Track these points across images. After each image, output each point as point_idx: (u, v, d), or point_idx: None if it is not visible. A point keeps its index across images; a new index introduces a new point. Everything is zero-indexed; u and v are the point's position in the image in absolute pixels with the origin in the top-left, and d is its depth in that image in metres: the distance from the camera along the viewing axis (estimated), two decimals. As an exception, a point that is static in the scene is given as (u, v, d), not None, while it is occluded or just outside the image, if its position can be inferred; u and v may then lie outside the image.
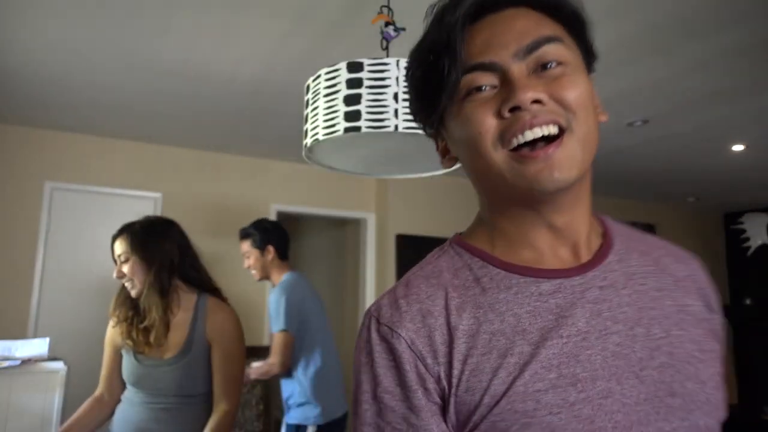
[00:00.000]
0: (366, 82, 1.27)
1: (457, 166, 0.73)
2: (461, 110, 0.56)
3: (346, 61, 1.29)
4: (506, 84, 0.54)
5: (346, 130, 1.26)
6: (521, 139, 0.53)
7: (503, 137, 0.54)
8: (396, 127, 1.24)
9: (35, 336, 3.34)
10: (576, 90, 0.54)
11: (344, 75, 1.29)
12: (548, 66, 0.54)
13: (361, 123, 1.25)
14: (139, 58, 2.46)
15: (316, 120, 1.33)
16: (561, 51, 0.55)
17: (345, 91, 1.28)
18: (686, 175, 4.45)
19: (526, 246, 0.59)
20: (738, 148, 3.67)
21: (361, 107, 1.26)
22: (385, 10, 1.67)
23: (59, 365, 2.46)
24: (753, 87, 2.69)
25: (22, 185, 3.49)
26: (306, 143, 1.39)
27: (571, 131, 0.54)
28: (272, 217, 4.18)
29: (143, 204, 3.79)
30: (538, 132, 0.52)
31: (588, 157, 0.56)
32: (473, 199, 0.67)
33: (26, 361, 2.44)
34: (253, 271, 2.48)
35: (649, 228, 5.58)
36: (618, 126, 3.24)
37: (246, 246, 2.52)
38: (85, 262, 3.60)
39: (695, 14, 2.02)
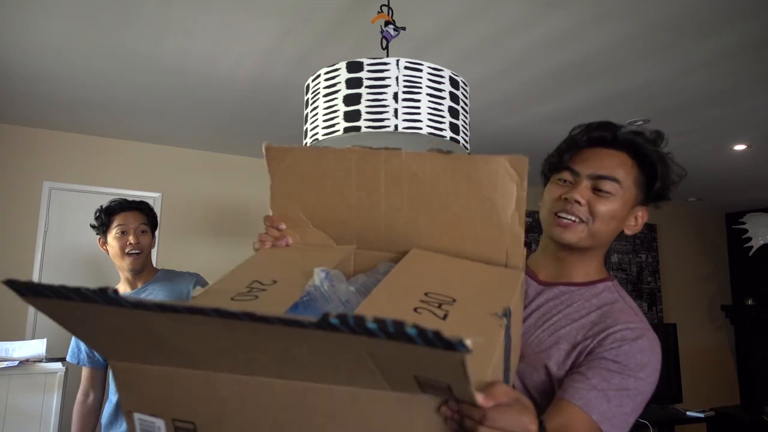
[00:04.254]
0: (366, 82, 1.26)
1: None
2: (555, 180, 1.02)
3: (346, 61, 1.28)
4: (575, 184, 0.98)
5: (346, 130, 1.25)
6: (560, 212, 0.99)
7: (554, 206, 1.00)
8: (396, 127, 1.23)
9: (33, 337, 3.33)
10: (602, 208, 0.96)
11: (344, 75, 1.28)
12: (600, 190, 0.97)
13: (361, 123, 1.24)
14: (138, 58, 2.45)
15: (316, 120, 1.32)
16: (610, 186, 0.96)
17: (345, 91, 1.27)
18: (687, 175, 4.44)
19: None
20: (740, 147, 3.66)
21: (361, 107, 1.25)
22: (385, 9, 1.66)
23: (58, 365, 2.45)
24: (755, 86, 2.68)
25: (20, 185, 3.48)
26: (306, 143, 1.38)
27: (585, 224, 0.98)
28: (272, 217, 4.16)
29: (143, 204, 3.78)
30: (569, 216, 0.98)
31: (589, 239, 0.98)
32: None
33: (24, 362, 2.43)
34: (135, 253, 1.95)
35: (650, 228, 5.57)
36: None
37: (143, 219, 2.02)
38: (83, 262, 3.59)
39: (695, 14, 2.01)
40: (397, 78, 1.26)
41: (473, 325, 0.65)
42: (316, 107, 1.33)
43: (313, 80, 1.36)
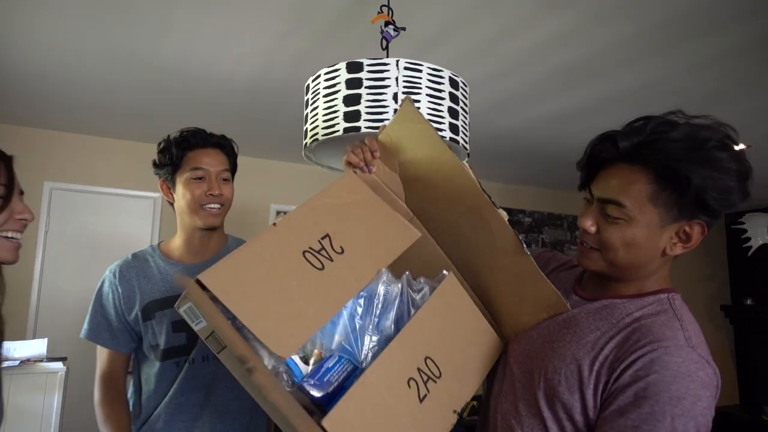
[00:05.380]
0: (366, 83, 1.26)
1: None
2: (584, 199, 0.94)
3: (346, 61, 1.29)
4: (589, 206, 0.91)
5: (346, 130, 1.25)
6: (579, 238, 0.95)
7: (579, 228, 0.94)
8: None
9: (34, 336, 3.34)
10: (612, 236, 0.86)
11: (344, 75, 1.28)
12: (608, 215, 0.86)
13: (361, 123, 1.24)
14: (138, 58, 2.46)
15: (316, 120, 1.33)
16: (616, 211, 0.85)
17: (345, 92, 1.27)
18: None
19: None
20: (739, 147, 3.66)
21: (361, 107, 1.25)
22: (385, 9, 1.66)
23: (58, 365, 2.46)
24: (754, 86, 2.68)
25: (21, 185, 3.48)
26: (306, 143, 1.39)
27: (599, 252, 0.89)
28: (272, 217, 4.16)
29: (143, 204, 3.78)
30: (584, 243, 0.93)
31: (611, 269, 0.89)
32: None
33: (25, 362, 2.44)
34: (217, 206, 1.45)
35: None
36: (619, 126, 3.22)
37: (226, 162, 1.51)
38: (84, 262, 3.60)
39: (695, 14, 2.01)
40: (396, 78, 1.26)
41: (434, 419, 0.83)
42: (316, 107, 1.33)
43: (313, 80, 1.37)
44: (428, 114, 1.26)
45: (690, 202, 0.82)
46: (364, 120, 1.24)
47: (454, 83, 1.32)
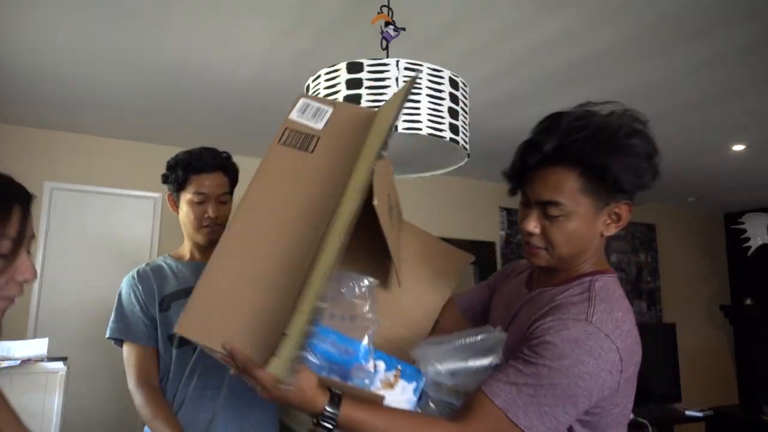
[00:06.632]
0: (366, 83, 1.26)
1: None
2: (520, 203, 1.02)
3: (346, 62, 1.29)
4: (529, 210, 0.98)
5: (346, 130, 1.25)
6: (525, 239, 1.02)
7: (522, 231, 1.00)
8: (396, 127, 1.24)
9: (35, 336, 3.33)
10: (556, 233, 0.95)
11: (344, 75, 1.28)
12: (549, 215, 0.94)
13: (361, 123, 1.24)
14: (138, 58, 2.46)
15: (316, 120, 1.33)
16: (556, 210, 0.93)
17: (345, 92, 1.28)
18: (686, 175, 4.44)
19: None
20: (738, 147, 3.66)
21: (361, 107, 1.25)
22: (385, 9, 1.67)
23: (59, 365, 2.46)
24: (753, 86, 2.68)
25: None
26: (305, 143, 1.39)
27: (546, 250, 0.98)
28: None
29: (143, 204, 3.78)
30: (531, 244, 1.00)
31: (558, 262, 0.99)
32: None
33: (25, 362, 2.43)
34: (216, 226, 1.57)
35: (649, 228, 5.58)
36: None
37: (226, 184, 1.63)
38: (84, 261, 3.60)
39: (695, 14, 2.02)
40: (397, 79, 1.26)
41: None
42: (317, 108, 1.33)
43: (314, 80, 1.37)
44: (428, 114, 1.27)
45: (612, 188, 0.92)
46: (364, 120, 1.24)
47: (454, 83, 1.32)
